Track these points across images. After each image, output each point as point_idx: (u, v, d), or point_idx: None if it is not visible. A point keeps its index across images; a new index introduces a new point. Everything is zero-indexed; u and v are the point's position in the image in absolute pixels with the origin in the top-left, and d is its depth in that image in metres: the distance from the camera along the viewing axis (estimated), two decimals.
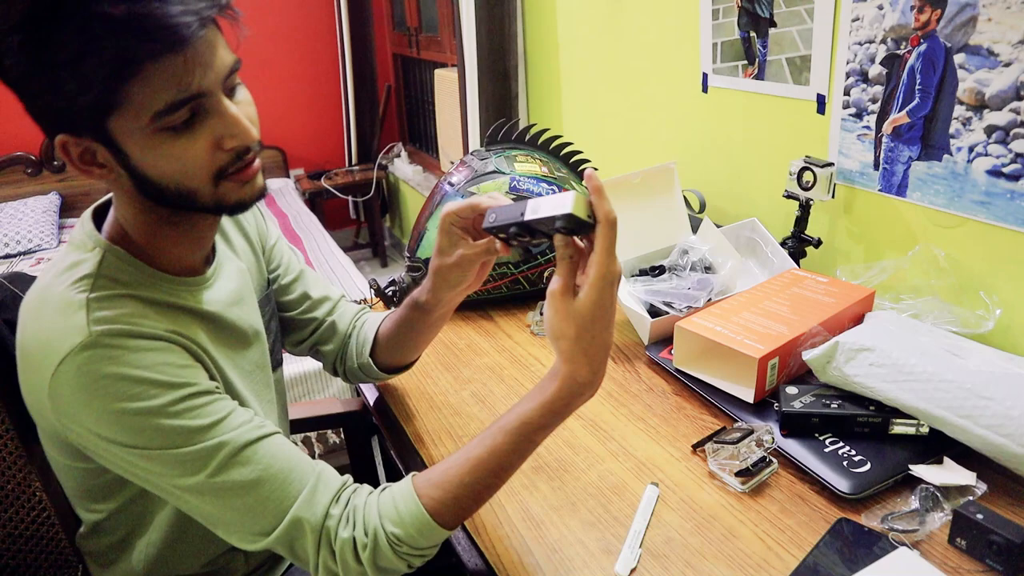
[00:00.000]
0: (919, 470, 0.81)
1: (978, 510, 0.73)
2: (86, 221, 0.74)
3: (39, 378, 0.65)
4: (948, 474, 0.81)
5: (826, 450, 0.86)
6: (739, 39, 1.42)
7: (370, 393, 1.13)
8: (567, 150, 1.38)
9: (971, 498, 0.78)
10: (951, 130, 1.06)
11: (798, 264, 1.28)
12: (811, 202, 1.26)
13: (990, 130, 1.01)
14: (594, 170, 0.64)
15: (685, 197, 1.52)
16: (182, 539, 0.81)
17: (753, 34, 1.38)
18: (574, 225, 0.63)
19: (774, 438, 0.88)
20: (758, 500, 0.83)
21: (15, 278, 0.97)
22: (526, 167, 1.32)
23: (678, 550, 0.77)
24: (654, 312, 1.16)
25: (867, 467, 0.83)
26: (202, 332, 0.74)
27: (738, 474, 0.85)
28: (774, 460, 0.87)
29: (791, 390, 0.93)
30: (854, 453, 0.85)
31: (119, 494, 0.78)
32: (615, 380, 1.09)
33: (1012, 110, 0.98)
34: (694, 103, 1.59)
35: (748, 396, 0.96)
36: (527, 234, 0.68)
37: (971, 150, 1.04)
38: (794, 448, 0.87)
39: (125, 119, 0.61)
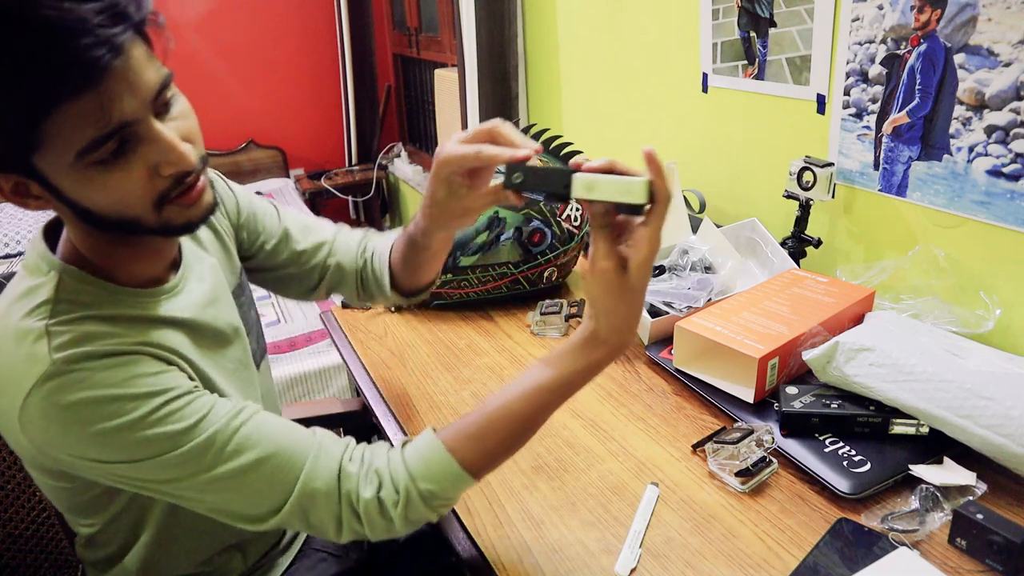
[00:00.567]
0: (919, 470, 0.81)
1: (978, 510, 0.73)
2: (38, 242, 0.70)
3: (8, 414, 0.63)
4: (948, 474, 0.81)
5: (826, 450, 0.86)
6: (739, 39, 1.42)
7: (370, 393, 1.13)
8: (567, 150, 1.37)
9: (971, 498, 0.78)
10: (951, 130, 1.06)
11: (798, 264, 1.28)
12: (811, 202, 1.26)
13: (990, 130, 1.01)
14: (652, 149, 0.62)
15: (685, 197, 1.52)
16: (175, 541, 0.81)
17: (753, 34, 1.38)
18: (632, 208, 0.62)
19: (774, 438, 0.88)
20: (758, 500, 0.83)
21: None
22: None
23: (678, 550, 0.77)
24: (654, 312, 1.16)
25: (867, 467, 0.83)
26: (176, 338, 0.72)
27: (738, 474, 0.85)
28: (774, 460, 0.87)
29: (791, 390, 0.93)
30: (854, 453, 0.85)
31: (108, 508, 0.77)
32: (615, 380, 1.09)
33: (1012, 110, 0.98)
34: (694, 103, 1.59)
35: (748, 396, 0.96)
36: (558, 201, 0.67)
37: (971, 150, 1.04)
38: (794, 448, 0.87)
39: (50, 157, 0.58)
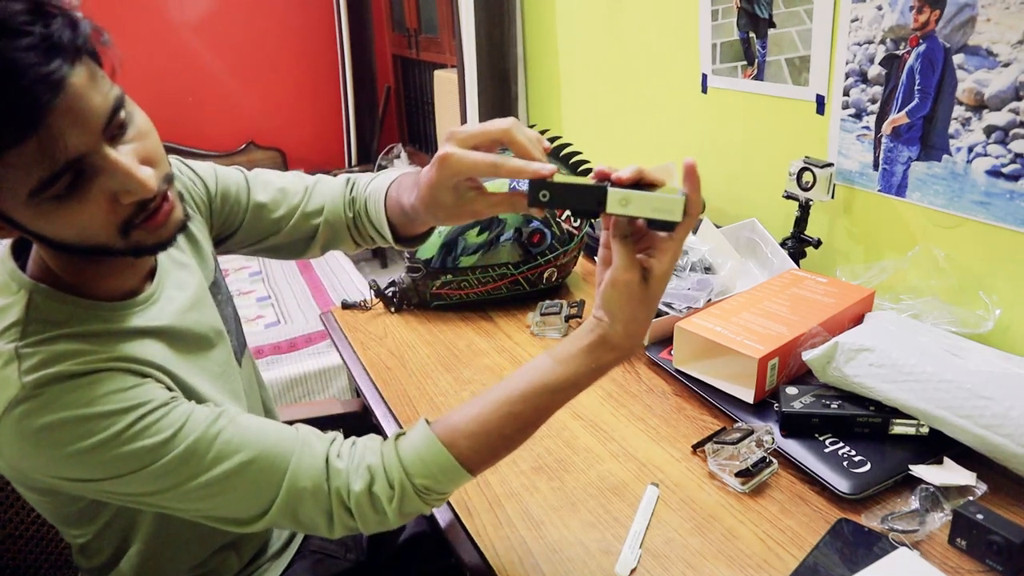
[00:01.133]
0: (919, 470, 0.81)
1: (978, 510, 0.73)
2: (6, 260, 0.68)
3: None
4: (948, 474, 0.81)
5: (826, 450, 0.86)
6: (738, 40, 1.42)
7: (370, 394, 1.13)
8: (567, 151, 1.37)
9: (971, 498, 0.78)
10: (950, 130, 1.06)
11: (798, 264, 1.28)
12: (811, 202, 1.26)
13: (989, 130, 1.01)
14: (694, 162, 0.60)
15: None
16: (167, 546, 0.81)
17: (752, 35, 1.38)
18: (665, 224, 0.61)
19: (774, 438, 0.88)
20: (758, 500, 0.83)
21: None
22: None
23: (678, 550, 0.77)
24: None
25: (867, 467, 0.83)
26: (152, 349, 0.70)
27: (738, 474, 0.85)
28: (774, 460, 0.87)
29: (791, 390, 0.93)
30: (854, 453, 0.85)
31: (97, 519, 0.77)
32: (615, 381, 1.09)
33: (1011, 110, 0.98)
34: (694, 104, 1.59)
35: (748, 396, 0.96)
36: (587, 217, 0.64)
37: (970, 150, 1.04)
38: (794, 448, 0.87)
39: (2, 196, 0.57)
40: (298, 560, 0.97)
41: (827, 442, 0.88)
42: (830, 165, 1.22)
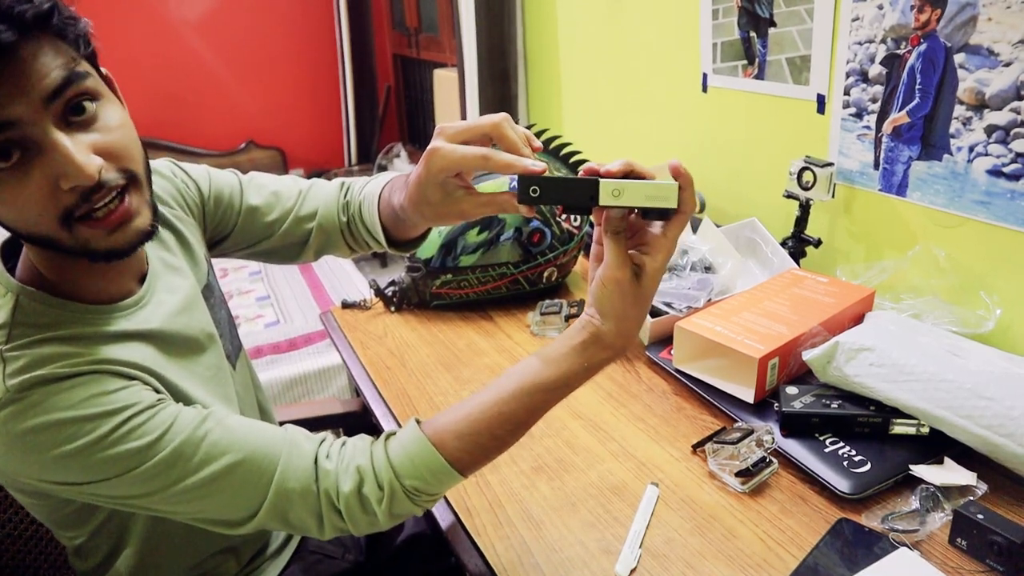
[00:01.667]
0: (919, 470, 0.81)
1: (979, 510, 0.73)
2: None
3: None
4: (949, 474, 0.81)
5: (826, 450, 0.86)
6: (739, 39, 1.41)
7: (370, 393, 1.13)
8: (567, 150, 1.37)
9: (972, 498, 0.78)
10: (951, 130, 1.06)
11: (798, 264, 1.28)
12: (811, 202, 1.26)
13: (990, 130, 1.01)
14: (679, 162, 0.60)
15: None
16: (163, 548, 0.81)
17: (753, 34, 1.38)
18: (661, 212, 0.61)
19: (774, 438, 0.88)
20: (758, 500, 0.83)
21: None
22: None
23: (678, 550, 0.77)
24: (654, 312, 1.16)
25: (867, 467, 0.83)
26: (140, 351, 0.69)
27: (738, 474, 0.85)
28: (774, 460, 0.87)
29: (791, 390, 0.93)
30: (854, 453, 0.85)
31: (90, 521, 0.76)
32: (615, 380, 1.09)
33: (1012, 110, 0.98)
34: (694, 103, 1.59)
35: (748, 396, 0.96)
36: (579, 212, 0.64)
37: (971, 150, 1.04)
38: (794, 448, 0.87)
39: None
40: (296, 560, 0.97)
41: (827, 442, 0.87)
42: (830, 164, 1.22)
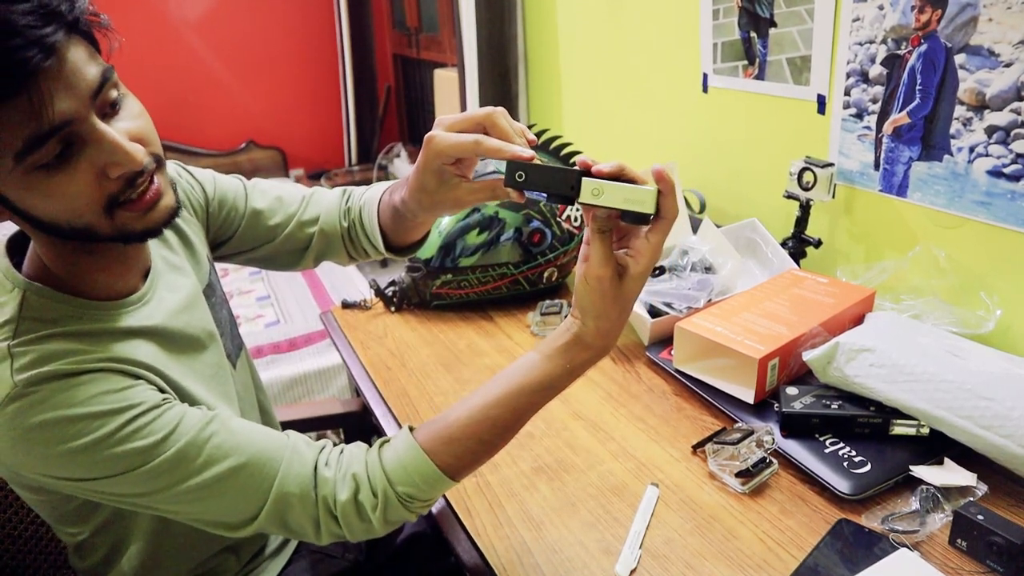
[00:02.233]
0: (920, 471, 0.81)
1: (979, 511, 0.73)
2: (0, 258, 0.69)
3: None
4: (949, 475, 0.81)
5: (826, 451, 0.86)
6: (739, 39, 1.41)
7: (370, 393, 1.13)
8: (567, 150, 1.37)
9: (972, 499, 0.78)
10: (952, 130, 1.06)
11: (798, 264, 1.28)
12: (811, 202, 1.26)
13: (991, 130, 1.01)
14: (664, 167, 0.61)
15: (685, 197, 1.52)
16: (165, 547, 0.81)
17: (753, 34, 1.38)
18: (637, 216, 0.62)
19: (774, 439, 0.88)
20: (758, 501, 0.83)
21: None
22: None
23: (678, 551, 0.77)
24: (654, 313, 1.16)
25: (867, 468, 0.83)
26: (145, 349, 0.70)
27: (738, 475, 0.85)
28: (774, 461, 0.87)
29: (791, 391, 0.93)
30: (854, 454, 0.85)
31: (92, 518, 0.77)
32: (615, 381, 1.09)
33: (1013, 110, 0.98)
34: (694, 103, 1.59)
35: (748, 397, 0.96)
36: (561, 202, 0.66)
37: (972, 150, 1.04)
38: (794, 449, 0.87)
39: None
40: (296, 560, 0.97)
41: (827, 442, 0.87)
42: (831, 165, 1.22)
